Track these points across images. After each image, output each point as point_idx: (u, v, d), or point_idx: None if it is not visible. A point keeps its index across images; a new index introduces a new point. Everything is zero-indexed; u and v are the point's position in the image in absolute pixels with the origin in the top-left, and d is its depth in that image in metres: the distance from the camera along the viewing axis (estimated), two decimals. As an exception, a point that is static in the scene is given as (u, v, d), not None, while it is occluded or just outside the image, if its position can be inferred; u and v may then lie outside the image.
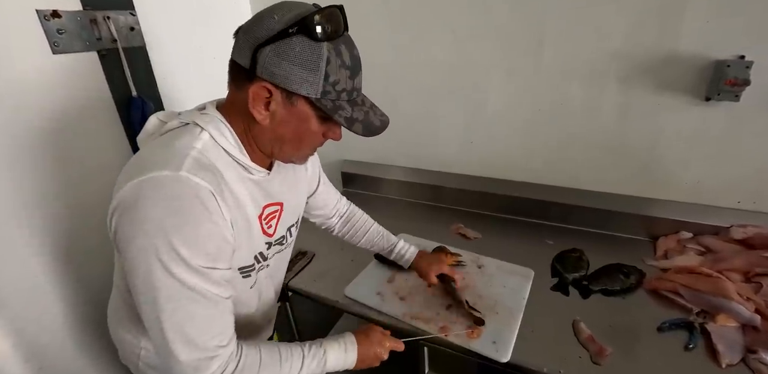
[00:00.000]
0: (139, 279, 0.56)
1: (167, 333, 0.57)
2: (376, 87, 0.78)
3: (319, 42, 0.56)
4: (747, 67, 1.03)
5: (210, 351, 0.59)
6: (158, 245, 0.54)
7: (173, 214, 0.54)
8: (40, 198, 1.05)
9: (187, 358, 0.58)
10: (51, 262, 1.10)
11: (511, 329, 0.95)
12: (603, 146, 1.30)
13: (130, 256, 0.55)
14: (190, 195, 0.56)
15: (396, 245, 1.06)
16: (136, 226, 0.54)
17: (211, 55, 1.47)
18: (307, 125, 0.63)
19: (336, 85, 0.59)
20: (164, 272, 0.54)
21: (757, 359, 0.83)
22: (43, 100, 1.02)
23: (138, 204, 0.54)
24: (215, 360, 0.60)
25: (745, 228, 1.15)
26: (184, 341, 0.57)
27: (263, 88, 0.58)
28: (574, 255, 1.20)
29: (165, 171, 0.55)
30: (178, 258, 0.54)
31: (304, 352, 0.71)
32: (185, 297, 0.56)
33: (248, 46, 0.58)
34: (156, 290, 0.55)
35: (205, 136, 0.62)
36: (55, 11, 1.00)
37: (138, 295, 0.57)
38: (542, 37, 1.24)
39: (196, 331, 0.58)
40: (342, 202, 1.08)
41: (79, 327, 1.19)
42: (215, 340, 0.60)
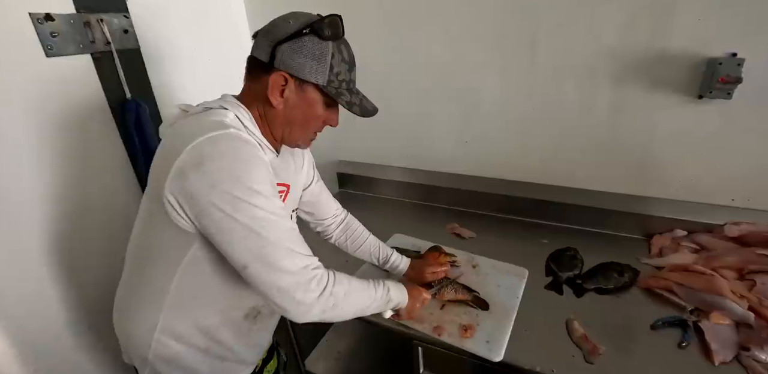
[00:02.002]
0: (231, 221, 0.63)
1: (273, 254, 0.65)
2: (371, 87, 0.81)
3: (326, 41, 0.70)
4: (739, 65, 1.03)
5: (310, 257, 0.70)
6: (236, 188, 0.62)
7: (237, 160, 0.64)
8: (37, 201, 1.05)
9: (296, 267, 0.67)
10: (50, 264, 1.10)
11: (504, 328, 0.95)
12: (597, 144, 1.31)
13: (215, 205, 0.62)
14: (244, 144, 0.65)
15: (391, 256, 1.10)
16: (209, 180, 0.62)
17: (206, 57, 1.47)
18: (313, 110, 0.75)
19: (338, 76, 0.73)
20: (248, 205, 0.63)
21: (751, 356, 0.83)
22: (37, 103, 1.02)
23: (203, 162, 0.62)
24: (315, 267, 0.70)
25: (739, 225, 1.15)
26: (287, 254, 0.67)
27: (281, 76, 0.70)
28: (568, 253, 1.20)
29: (214, 132, 0.64)
30: (254, 192, 0.64)
31: (373, 283, 0.84)
32: (271, 220, 0.66)
33: (267, 43, 0.70)
34: (249, 222, 0.64)
35: (231, 115, 0.71)
36: (48, 14, 1.01)
37: (231, 237, 0.64)
38: (535, 36, 1.24)
39: (291, 243, 0.68)
40: (339, 210, 1.11)
41: (80, 328, 1.20)
42: (306, 249, 0.71)
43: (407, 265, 1.10)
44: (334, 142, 1.75)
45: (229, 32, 1.57)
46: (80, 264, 1.17)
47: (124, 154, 1.23)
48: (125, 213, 1.25)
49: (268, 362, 1.01)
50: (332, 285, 0.71)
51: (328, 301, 0.70)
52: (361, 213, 1.15)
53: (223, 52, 1.53)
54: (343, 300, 0.73)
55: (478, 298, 1.03)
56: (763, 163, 1.14)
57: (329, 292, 0.70)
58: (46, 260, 1.09)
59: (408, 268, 1.09)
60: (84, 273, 1.18)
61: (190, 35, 1.41)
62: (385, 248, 1.11)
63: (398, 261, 1.10)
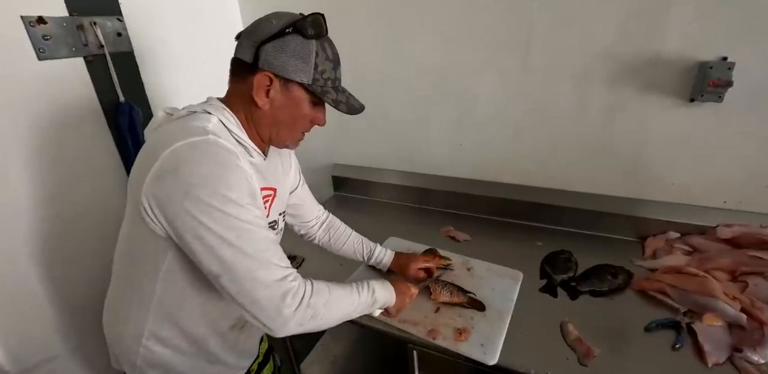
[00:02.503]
0: (202, 229, 0.62)
1: (246, 266, 0.64)
2: (367, 91, 0.81)
3: (309, 39, 0.69)
4: (729, 69, 1.05)
5: (287, 269, 0.68)
6: (210, 195, 0.61)
7: (213, 167, 0.63)
8: (29, 204, 1.04)
9: (271, 279, 0.65)
10: (40, 265, 1.09)
11: (499, 331, 0.95)
12: (591, 147, 1.31)
13: (188, 212, 0.61)
14: (223, 151, 0.64)
15: (374, 250, 1.11)
16: (184, 185, 0.61)
17: (200, 60, 1.47)
18: (300, 109, 0.74)
19: (323, 74, 0.72)
20: (222, 214, 0.62)
21: (743, 358, 0.83)
22: (29, 106, 1.02)
23: (179, 167, 0.61)
24: (291, 279, 0.68)
25: (731, 227, 1.15)
26: (261, 265, 0.65)
27: (266, 76, 0.69)
28: (562, 256, 1.20)
29: (193, 138, 0.64)
30: (228, 200, 0.62)
31: (357, 287, 0.82)
32: (247, 230, 0.64)
33: (251, 44, 0.70)
34: (223, 231, 0.62)
35: (214, 119, 0.70)
36: (40, 17, 1.00)
37: (208, 247, 0.63)
38: (530, 40, 1.25)
39: (268, 254, 0.66)
40: (321, 211, 1.12)
41: (70, 331, 1.18)
42: (282, 261, 0.69)
43: (391, 258, 1.11)
44: (329, 146, 1.75)
45: (223, 35, 1.56)
46: (71, 266, 1.15)
47: (116, 157, 1.22)
48: (117, 216, 1.21)
49: (264, 366, 1.01)
50: (309, 297, 0.69)
51: (306, 313, 0.68)
52: (356, 217, 1.15)
53: (218, 54, 1.52)
54: (322, 310, 0.71)
55: (473, 300, 1.03)
56: (754, 165, 1.15)
57: (306, 304, 0.68)
58: (36, 262, 1.08)
59: (393, 261, 1.11)
60: (74, 276, 1.16)
61: (184, 38, 1.41)
62: (368, 243, 1.12)
63: (381, 255, 1.11)
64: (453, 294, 1.03)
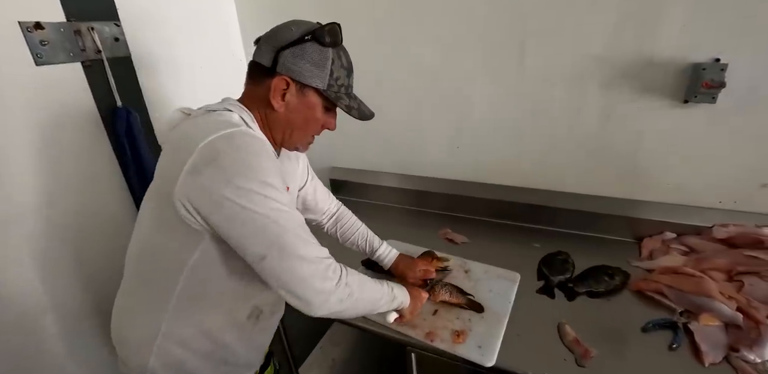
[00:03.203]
0: (243, 214, 0.64)
1: (291, 243, 0.67)
2: (364, 94, 0.82)
3: (326, 47, 0.73)
4: (722, 70, 1.06)
5: (321, 249, 0.72)
6: (249, 182, 0.64)
7: (250, 155, 0.65)
8: (26, 209, 1.05)
9: (312, 253, 0.69)
10: (41, 270, 1.09)
11: (496, 333, 0.95)
12: (587, 149, 1.32)
13: (228, 201, 0.63)
14: (254, 140, 0.67)
15: (379, 248, 1.12)
16: (224, 174, 0.63)
17: (198, 65, 1.48)
18: (313, 113, 0.77)
19: (338, 81, 0.76)
20: (263, 198, 0.65)
21: (740, 357, 0.84)
22: (26, 111, 1.02)
23: (218, 157, 0.63)
24: (330, 258, 0.72)
25: (726, 227, 1.16)
26: (304, 243, 0.69)
27: (283, 80, 0.73)
28: (559, 257, 1.21)
29: (227, 129, 0.66)
30: (267, 185, 0.65)
31: (378, 280, 0.85)
32: (286, 211, 0.68)
33: (270, 49, 0.73)
34: (267, 213, 0.65)
35: (236, 116, 0.73)
36: (38, 23, 1.01)
37: (245, 231, 0.65)
38: (524, 42, 1.26)
39: (306, 232, 0.70)
40: (333, 203, 1.15)
41: (72, 335, 1.19)
42: (317, 241, 0.72)
43: (395, 257, 1.11)
44: (327, 149, 1.75)
45: (220, 40, 1.57)
46: (71, 272, 1.16)
47: (114, 162, 1.23)
48: (116, 221, 1.24)
49: (265, 368, 1.01)
50: (347, 275, 0.73)
51: (344, 290, 0.72)
52: (354, 219, 1.15)
53: (215, 59, 1.54)
54: (358, 290, 0.75)
55: (472, 301, 1.03)
56: (748, 165, 1.15)
57: (345, 282, 0.72)
58: (36, 267, 1.08)
59: (396, 261, 1.11)
60: (73, 280, 1.17)
61: (182, 43, 1.41)
62: (374, 240, 1.13)
63: (386, 253, 1.11)
64: (452, 295, 1.03)
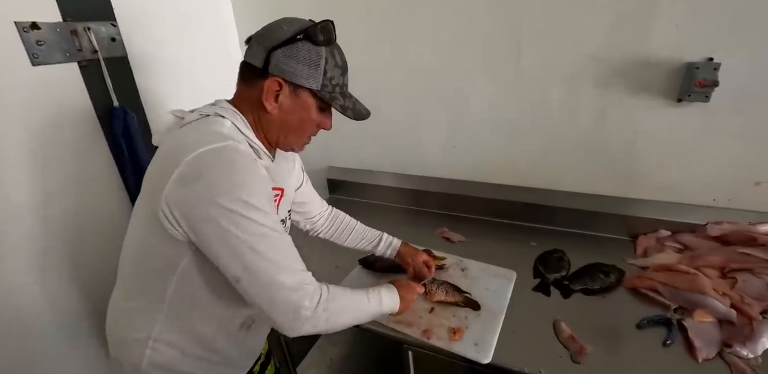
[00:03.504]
0: (224, 234, 0.63)
1: (267, 270, 0.66)
2: (360, 94, 0.82)
3: (319, 46, 0.71)
4: (715, 69, 1.07)
5: (303, 273, 0.71)
6: (233, 201, 0.62)
7: (236, 174, 0.64)
8: (23, 209, 1.04)
9: (290, 282, 0.67)
10: (37, 271, 1.09)
11: (493, 330, 0.95)
12: (583, 148, 1.33)
13: (210, 220, 0.63)
14: (242, 157, 0.66)
15: (382, 235, 1.13)
16: (209, 191, 0.62)
17: (194, 65, 1.48)
18: (308, 114, 0.75)
19: (332, 80, 0.74)
20: (246, 220, 0.63)
21: (733, 353, 0.85)
22: (23, 111, 1.02)
23: (204, 173, 0.63)
24: (308, 282, 0.70)
25: (720, 225, 1.17)
26: (281, 270, 0.67)
27: (275, 81, 0.71)
28: (555, 255, 1.21)
29: (215, 144, 0.65)
30: (250, 206, 0.64)
31: (367, 292, 0.84)
32: (268, 235, 0.66)
33: (262, 49, 0.70)
34: (246, 236, 0.64)
35: (227, 123, 0.72)
36: (34, 23, 1.01)
37: (230, 252, 0.65)
38: (520, 42, 1.26)
39: (285, 259, 0.69)
40: (325, 207, 1.14)
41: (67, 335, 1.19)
42: (301, 264, 0.71)
43: (399, 245, 1.12)
44: (324, 149, 1.75)
45: (217, 40, 1.58)
46: (68, 272, 1.16)
47: (111, 162, 1.23)
48: (113, 221, 1.24)
49: (266, 367, 1.01)
50: (326, 301, 0.71)
51: (320, 316, 0.70)
52: (350, 219, 1.15)
53: (212, 59, 1.54)
54: (336, 314, 0.73)
55: (468, 299, 1.04)
56: (741, 163, 1.16)
57: (323, 308, 0.70)
58: (33, 266, 1.08)
59: (401, 246, 1.12)
60: (72, 281, 1.17)
61: (179, 43, 1.41)
62: (374, 231, 1.13)
63: (390, 239, 1.12)
64: (448, 294, 1.04)
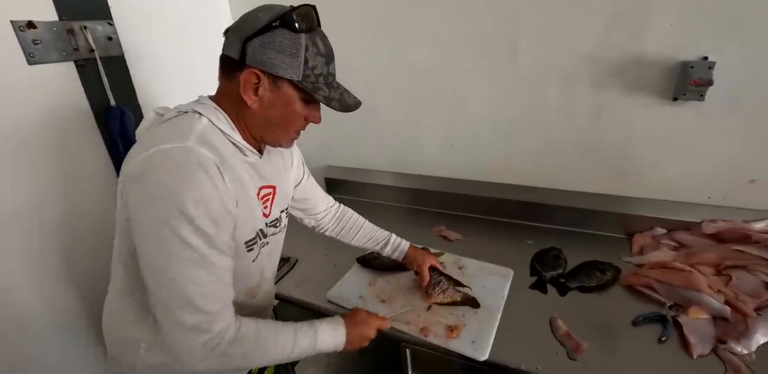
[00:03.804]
0: (149, 242, 0.61)
1: (174, 296, 0.61)
2: (358, 93, 0.80)
3: (298, 33, 0.65)
4: (710, 68, 1.07)
5: (211, 315, 0.63)
6: (166, 208, 0.59)
7: (178, 180, 0.59)
8: (19, 208, 1.04)
9: (191, 321, 0.62)
10: (32, 272, 1.09)
11: (490, 328, 0.96)
12: (579, 147, 1.34)
13: (141, 223, 0.60)
14: (193, 163, 0.61)
15: (390, 237, 1.11)
16: (145, 194, 0.60)
17: (192, 64, 1.48)
18: (292, 107, 0.70)
19: (314, 70, 0.68)
20: (172, 234, 0.59)
21: (727, 349, 0.85)
22: (19, 110, 1.02)
23: (146, 174, 0.60)
24: (215, 324, 0.64)
25: (715, 222, 1.18)
26: (186, 304, 0.61)
27: (252, 73, 0.66)
28: (552, 253, 1.22)
29: (171, 143, 0.62)
30: (184, 220, 0.59)
31: (296, 329, 0.76)
32: (189, 259, 0.61)
33: (237, 40, 0.66)
34: (164, 252, 0.60)
35: (204, 120, 0.69)
36: (30, 22, 1.00)
37: (146, 260, 0.62)
38: (517, 42, 1.27)
39: (197, 295, 0.62)
40: (331, 203, 1.12)
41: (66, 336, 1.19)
42: (216, 305, 0.64)
43: (408, 246, 1.11)
44: (322, 147, 1.76)
45: (214, 38, 1.55)
46: (64, 271, 1.15)
47: (108, 160, 1.23)
48: (109, 220, 1.22)
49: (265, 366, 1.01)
50: (227, 345, 0.65)
51: (216, 361, 0.65)
52: (349, 218, 1.15)
53: (209, 57, 1.52)
54: (238, 359, 0.68)
55: (467, 298, 1.04)
56: (736, 162, 1.17)
57: (220, 352, 0.65)
58: (29, 266, 1.08)
59: (410, 249, 1.10)
60: (68, 281, 1.16)
61: (175, 41, 1.41)
62: (382, 231, 1.12)
63: (398, 241, 1.10)
64: (445, 294, 1.04)
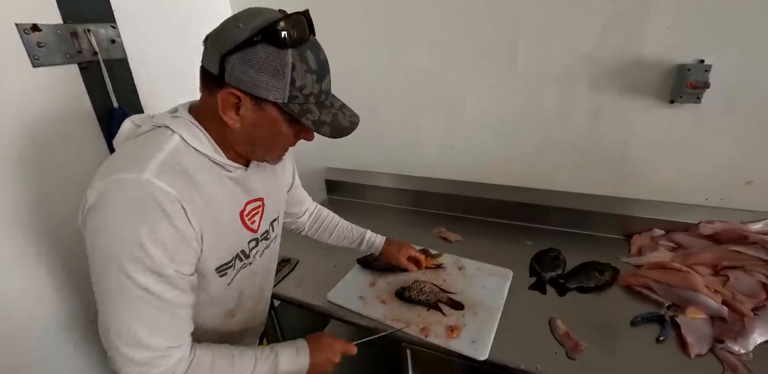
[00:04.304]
0: (98, 275, 0.58)
1: (118, 331, 0.58)
2: (357, 95, 0.80)
3: (283, 49, 0.57)
4: (706, 71, 1.08)
5: (160, 351, 0.60)
6: (116, 244, 0.56)
7: (132, 216, 0.56)
8: (23, 210, 1.05)
9: (139, 357, 0.59)
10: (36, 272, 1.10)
11: (489, 328, 0.97)
12: (577, 148, 1.35)
13: (92, 254, 0.58)
14: (149, 199, 0.57)
15: (365, 234, 1.11)
16: (98, 226, 0.57)
17: (194, 66, 1.47)
18: (277, 129, 0.64)
19: (303, 90, 0.60)
20: (119, 270, 0.56)
21: (725, 348, 0.86)
22: (23, 112, 1.02)
23: (100, 205, 0.56)
24: (165, 360, 0.61)
25: (713, 223, 1.19)
26: (132, 341, 0.58)
27: (232, 94, 0.60)
28: (551, 254, 1.23)
29: (129, 173, 0.57)
30: (133, 257, 0.56)
31: (256, 355, 0.72)
32: (137, 297, 0.58)
33: (216, 53, 0.59)
34: (110, 287, 0.57)
35: (176, 138, 0.63)
36: (35, 25, 1.02)
37: (96, 291, 0.59)
38: (515, 45, 1.28)
39: (145, 332, 0.59)
40: (311, 202, 1.12)
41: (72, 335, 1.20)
42: (166, 342, 0.61)
43: (383, 242, 1.11)
44: (322, 150, 1.77)
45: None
46: (67, 271, 1.16)
47: (110, 162, 1.24)
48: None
49: None
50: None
51: None
52: (349, 220, 1.16)
53: (211, 61, 1.55)
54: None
55: (451, 300, 1.04)
56: (732, 163, 1.18)
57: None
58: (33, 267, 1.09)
59: (384, 246, 1.10)
60: (70, 281, 1.17)
61: (177, 44, 1.42)
62: (358, 229, 1.11)
63: (373, 238, 1.10)
64: (422, 294, 1.05)
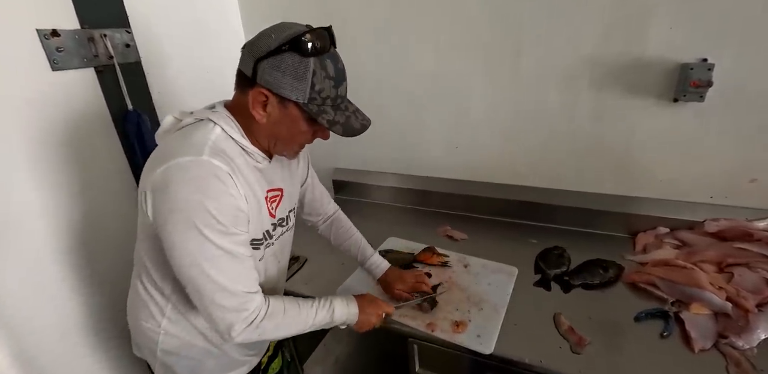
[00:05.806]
0: (180, 247, 0.67)
1: (209, 285, 0.69)
2: (363, 96, 0.83)
3: (307, 57, 0.67)
4: (709, 70, 1.10)
5: (243, 296, 0.72)
6: (191, 216, 0.66)
7: (198, 191, 0.66)
8: (41, 208, 1.09)
9: (228, 303, 0.71)
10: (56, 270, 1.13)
11: (494, 323, 0.98)
12: (581, 147, 1.36)
13: (169, 230, 0.67)
14: (210, 175, 0.67)
15: (370, 258, 1.12)
16: (170, 204, 0.66)
17: (205, 70, 1.53)
18: (297, 126, 0.74)
19: (321, 93, 0.70)
20: (199, 236, 0.67)
21: (728, 344, 0.87)
22: (42, 114, 1.06)
23: (169, 187, 0.66)
24: (250, 303, 0.73)
25: (717, 221, 1.20)
26: (222, 289, 0.70)
27: (261, 93, 0.70)
28: (555, 252, 1.24)
29: (188, 156, 0.67)
30: (208, 223, 0.67)
31: (315, 304, 0.85)
32: (218, 255, 0.69)
33: (251, 58, 0.70)
34: (195, 252, 0.67)
35: (217, 129, 0.73)
36: (54, 30, 1.06)
37: (180, 262, 0.69)
38: (519, 45, 1.30)
39: (230, 282, 0.70)
40: (331, 205, 1.15)
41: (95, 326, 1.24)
42: (245, 288, 0.73)
43: (383, 271, 1.11)
44: (330, 150, 1.79)
45: (226, 45, 1.63)
46: (84, 268, 1.20)
47: (125, 162, 1.27)
48: (127, 219, 1.28)
49: (273, 360, 1.05)
50: (261, 320, 0.74)
51: (253, 333, 0.74)
52: (356, 219, 1.18)
53: (220, 64, 1.59)
54: (271, 331, 0.76)
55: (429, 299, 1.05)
56: (736, 161, 1.19)
57: (255, 326, 0.73)
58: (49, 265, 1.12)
59: (384, 274, 1.11)
60: (89, 277, 1.21)
61: (189, 48, 1.46)
62: (366, 250, 1.12)
63: (375, 266, 1.11)
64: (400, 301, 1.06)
